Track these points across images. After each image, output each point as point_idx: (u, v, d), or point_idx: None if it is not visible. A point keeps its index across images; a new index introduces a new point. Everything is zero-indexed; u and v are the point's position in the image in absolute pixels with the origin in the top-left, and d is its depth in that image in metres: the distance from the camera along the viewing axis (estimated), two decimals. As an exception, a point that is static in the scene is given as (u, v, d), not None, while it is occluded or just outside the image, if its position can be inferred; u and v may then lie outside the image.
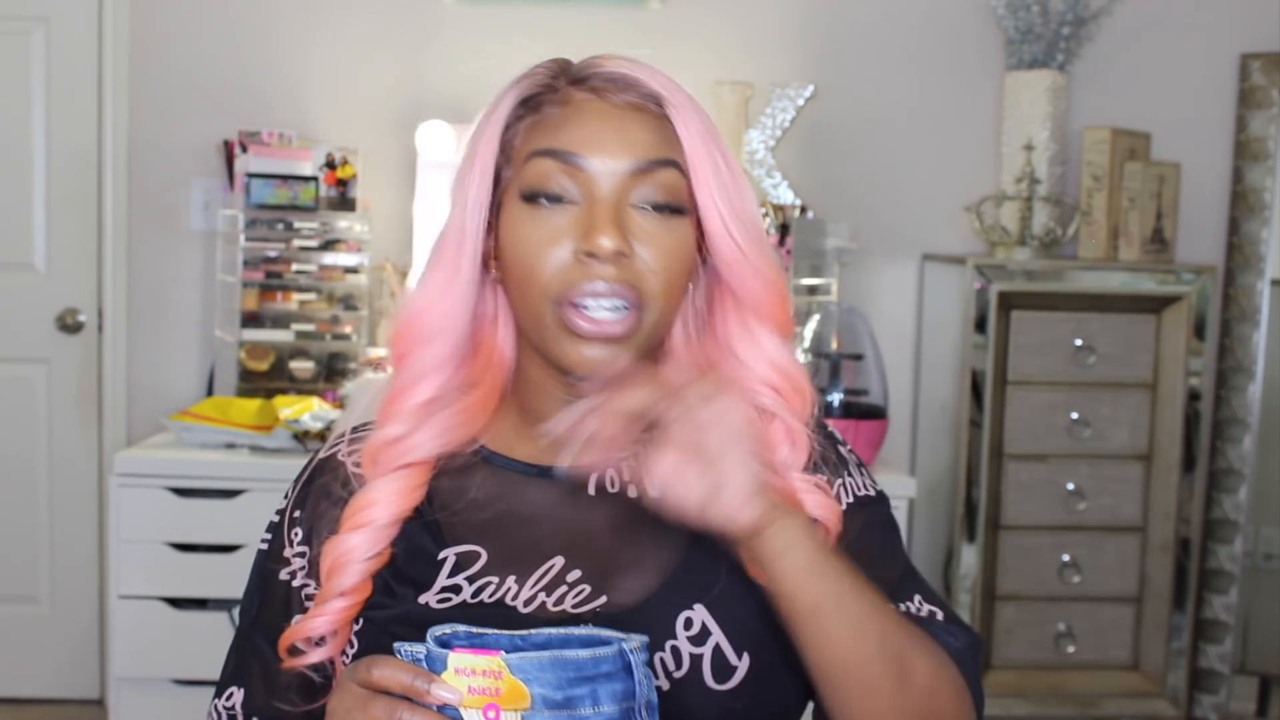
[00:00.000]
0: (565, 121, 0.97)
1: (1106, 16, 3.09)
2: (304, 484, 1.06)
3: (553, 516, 1.01)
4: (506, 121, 1.00)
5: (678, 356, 1.05)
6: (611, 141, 0.96)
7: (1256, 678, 3.26)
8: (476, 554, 0.99)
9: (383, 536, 0.99)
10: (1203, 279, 2.92)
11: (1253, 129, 3.13)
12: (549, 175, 0.96)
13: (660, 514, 0.88)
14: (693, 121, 0.98)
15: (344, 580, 0.98)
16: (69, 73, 3.10)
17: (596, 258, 0.94)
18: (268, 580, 1.06)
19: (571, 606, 0.97)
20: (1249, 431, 3.11)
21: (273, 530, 1.07)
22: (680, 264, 0.98)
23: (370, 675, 0.84)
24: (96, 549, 3.16)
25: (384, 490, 1.00)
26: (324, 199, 2.94)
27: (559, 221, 0.96)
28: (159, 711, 2.60)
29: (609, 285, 0.94)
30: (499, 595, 0.97)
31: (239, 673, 1.06)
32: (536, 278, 0.96)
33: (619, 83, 0.99)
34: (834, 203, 3.11)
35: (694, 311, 1.05)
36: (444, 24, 3.10)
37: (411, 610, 0.97)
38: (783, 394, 1.02)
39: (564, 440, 0.86)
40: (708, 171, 0.98)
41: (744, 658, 0.96)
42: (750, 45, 3.14)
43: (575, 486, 1.02)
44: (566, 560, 0.99)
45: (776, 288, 1.01)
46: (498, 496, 1.02)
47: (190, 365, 3.15)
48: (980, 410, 2.89)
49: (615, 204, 0.95)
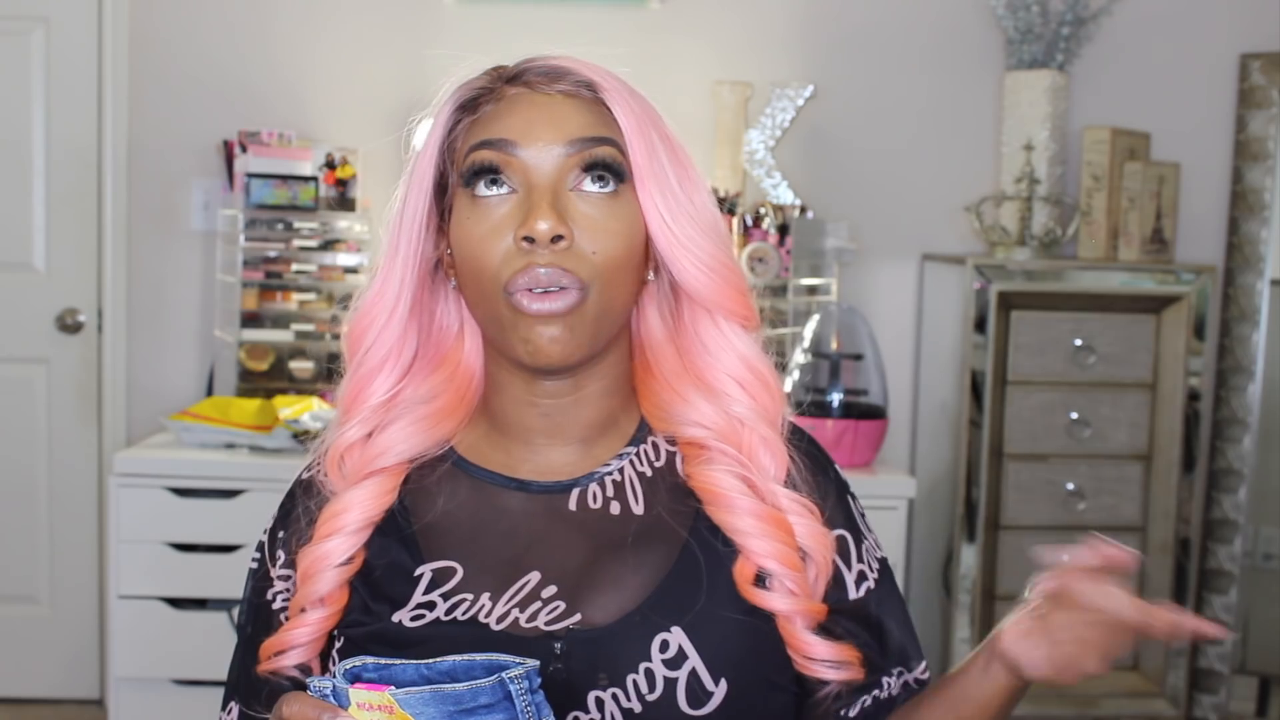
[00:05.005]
0: (499, 115, 0.98)
1: (1106, 16, 3.09)
2: (287, 506, 1.07)
3: (529, 530, 1.00)
4: (447, 126, 1.00)
5: (659, 351, 1.04)
6: (543, 126, 0.97)
7: (1256, 678, 3.26)
8: (453, 570, 0.99)
9: (355, 541, 0.99)
10: (1202, 279, 2.92)
11: (1252, 129, 3.13)
12: (485, 164, 0.97)
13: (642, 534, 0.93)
14: (629, 104, 0.98)
15: (319, 587, 0.98)
16: (69, 73, 3.10)
17: (536, 243, 0.94)
18: (258, 599, 1.06)
19: (545, 623, 0.95)
20: (1249, 431, 3.10)
21: (261, 549, 1.07)
22: (623, 243, 0.96)
23: (282, 712, 0.85)
24: (96, 549, 3.16)
25: (355, 497, 1.00)
26: (324, 199, 2.94)
27: (501, 212, 0.96)
28: (159, 711, 2.60)
29: (549, 270, 0.93)
30: (472, 613, 0.96)
31: (238, 688, 1.07)
32: (485, 270, 0.96)
33: (551, 74, 0.99)
34: (834, 203, 3.11)
35: (667, 304, 1.04)
36: (444, 24, 3.10)
37: (386, 628, 0.97)
38: (749, 390, 1.01)
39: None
40: (643, 153, 0.97)
41: (721, 684, 0.94)
42: (750, 45, 3.13)
43: (555, 501, 1.01)
44: (543, 576, 0.98)
45: (725, 277, 1.00)
46: (473, 508, 1.01)
47: (190, 365, 3.14)
48: (980, 410, 2.89)
49: (552, 188, 0.95)
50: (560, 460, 1.02)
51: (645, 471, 1.02)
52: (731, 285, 1.00)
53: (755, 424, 1.01)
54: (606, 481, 1.01)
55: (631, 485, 1.02)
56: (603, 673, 0.93)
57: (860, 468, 2.73)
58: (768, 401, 1.02)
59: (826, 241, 2.97)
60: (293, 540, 1.03)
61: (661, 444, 1.04)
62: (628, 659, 0.93)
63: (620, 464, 1.02)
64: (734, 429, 1.00)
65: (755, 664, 0.96)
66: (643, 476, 1.02)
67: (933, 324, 3.15)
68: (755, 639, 0.97)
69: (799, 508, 1.00)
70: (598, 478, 1.01)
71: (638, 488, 1.01)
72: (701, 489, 0.99)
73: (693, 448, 1.01)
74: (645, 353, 1.05)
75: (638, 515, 1.00)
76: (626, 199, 0.98)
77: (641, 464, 1.03)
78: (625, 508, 1.00)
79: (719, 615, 0.96)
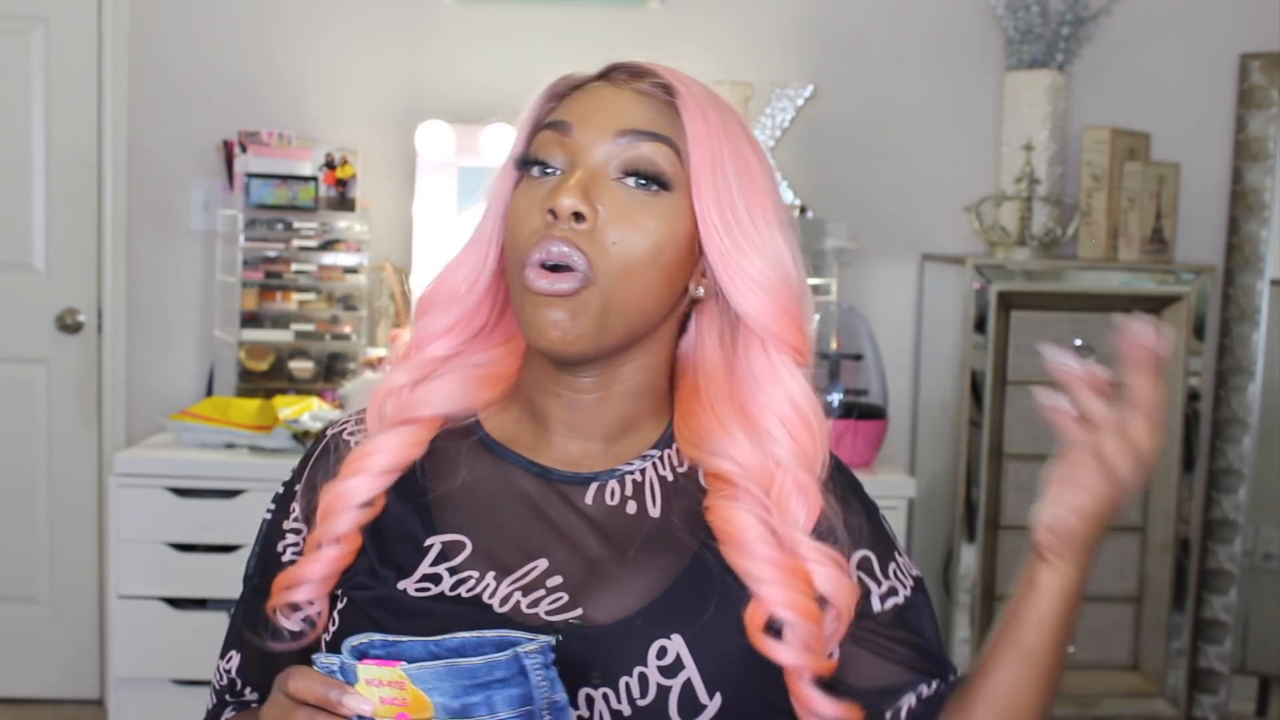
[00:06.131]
0: (572, 101, 1.00)
1: (1106, 16, 3.09)
2: (310, 460, 1.07)
3: (543, 516, 1.00)
4: (541, 112, 1.02)
5: (711, 376, 1.02)
6: (604, 115, 0.97)
7: (1256, 678, 3.25)
8: (462, 544, 0.99)
9: (378, 484, 1.00)
10: (1202, 279, 2.92)
11: (1252, 129, 3.13)
12: (543, 145, 0.98)
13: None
14: (703, 113, 0.97)
15: (337, 526, 0.98)
16: (69, 73, 3.10)
17: (557, 217, 0.94)
18: (268, 550, 1.07)
19: (545, 612, 0.95)
20: (1248, 431, 3.11)
21: (277, 501, 1.08)
22: (649, 242, 0.95)
23: (287, 686, 0.85)
24: (96, 549, 3.16)
25: (386, 441, 1.01)
26: (323, 199, 2.94)
27: (543, 190, 0.97)
28: (158, 711, 2.60)
29: (559, 246, 0.93)
30: (477, 591, 0.96)
31: (240, 638, 1.08)
32: (514, 243, 0.97)
33: (634, 72, 1.00)
34: (834, 203, 3.11)
35: (726, 328, 1.02)
36: (444, 24, 3.10)
37: (390, 595, 0.97)
38: (791, 430, 0.98)
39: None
40: (706, 162, 0.96)
41: (715, 698, 0.92)
42: (750, 45, 3.14)
43: (572, 491, 1.01)
44: (550, 564, 0.97)
45: (778, 301, 0.97)
46: (491, 486, 1.01)
47: (190, 365, 3.15)
48: (980, 410, 2.89)
49: (593, 172, 0.96)
50: (582, 453, 1.02)
51: (667, 475, 1.02)
52: (785, 311, 0.97)
53: (793, 468, 0.98)
54: (627, 480, 1.01)
55: (651, 487, 1.01)
56: (596, 671, 0.93)
57: (860, 468, 2.73)
58: (809, 445, 0.99)
59: (826, 241, 2.97)
60: (308, 495, 1.04)
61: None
62: (623, 661, 0.93)
63: (643, 465, 1.02)
64: (768, 470, 0.98)
65: (754, 685, 0.95)
66: (663, 480, 1.02)
67: (933, 324, 3.15)
68: (758, 661, 0.95)
69: (822, 557, 0.96)
70: (618, 475, 1.01)
71: (657, 490, 1.01)
72: (719, 527, 0.97)
73: (718, 481, 0.99)
74: (696, 375, 1.03)
75: (653, 518, 1.00)
76: (670, 203, 0.96)
77: (664, 468, 1.02)
78: (642, 508, 1.00)
79: (724, 633, 0.94)
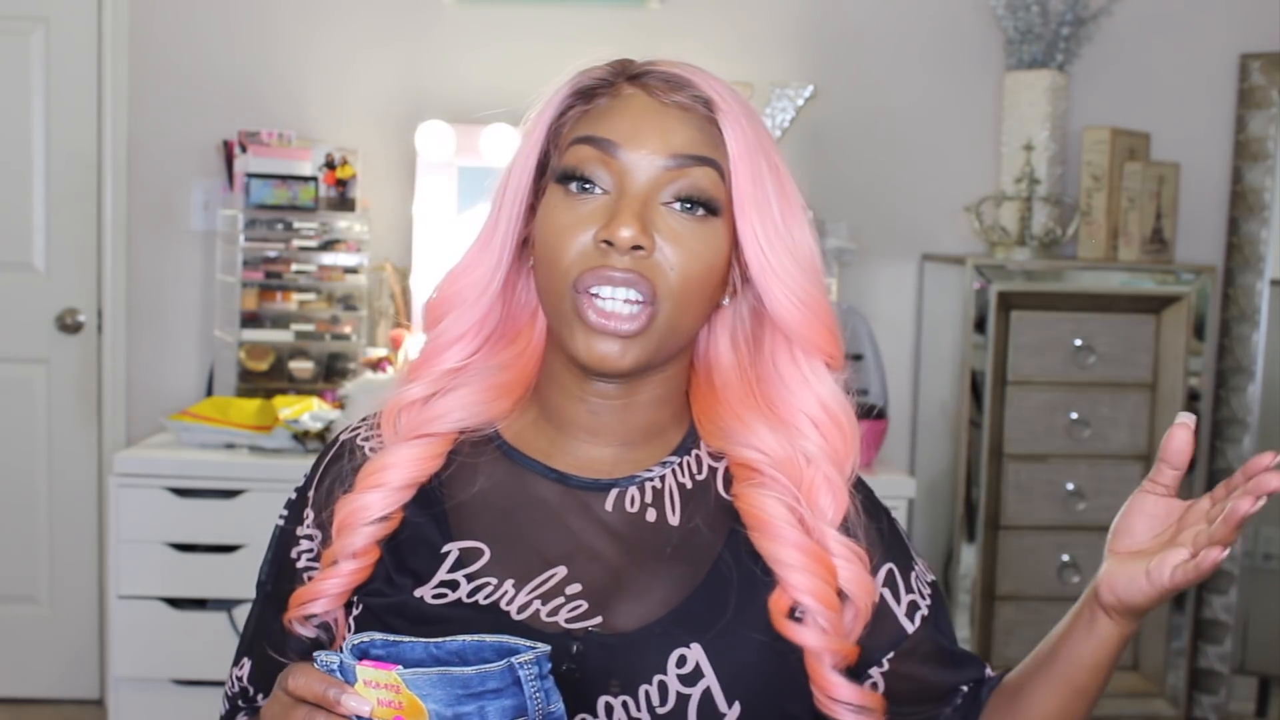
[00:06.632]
0: (610, 112, 0.98)
1: (1106, 16, 3.09)
2: (323, 465, 1.07)
3: (562, 523, 1.00)
4: (560, 109, 1.00)
5: (725, 375, 1.03)
6: (650, 135, 0.96)
7: (1256, 678, 3.26)
8: (480, 551, 0.99)
9: (394, 500, 0.99)
10: (1202, 279, 2.92)
11: (1252, 129, 3.13)
12: (585, 161, 0.97)
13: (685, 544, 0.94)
14: (742, 128, 0.97)
15: (353, 541, 0.98)
16: (68, 73, 3.10)
17: (615, 248, 0.93)
18: (281, 556, 1.06)
19: (565, 620, 0.95)
20: (1249, 431, 3.11)
21: (290, 507, 1.08)
22: (703, 267, 0.96)
23: (287, 684, 0.85)
24: (96, 549, 3.16)
25: (402, 455, 1.00)
26: (323, 199, 2.94)
27: (588, 208, 0.96)
28: (159, 711, 2.60)
29: (623, 274, 0.93)
30: (494, 598, 0.96)
31: (252, 645, 1.07)
32: (559, 261, 0.95)
33: (672, 82, 0.99)
34: (834, 203, 3.11)
35: (742, 331, 1.04)
36: (444, 24, 3.10)
37: (406, 602, 0.97)
38: (822, 430, 1.01)
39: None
40: (748, 179, 0.97)
41: (734, 706, 0.93)
42: (750, 45, 3.13)
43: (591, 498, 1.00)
44: (569, 572, 0.98)
45: (815, 312, 0.99)
46: (509, 493, 1.01)
47: (190, 365, 3.14)
48: (980, 410, 2.89)
49: (644, 198, 0.95)
50: (601, 458, 1.02)
51: (686, 483, 1.02)
52: (821, 321, 1.00)
53: (822, 463, 1.00)
54: (646, 487, 1.01)
55: (670, 495, 1.01)
56: (616, 679, 0.93)
57: (860, 468, 2.72)
58: (839, 445, 1.02)
59: (826, 241, 2.97)
60: (322, 500, 1.03)
61: (705, 458, 1.04)
62: (643, 669, 0.93)
63: (662, 471, 1.02)
64: (796, 464, 1.00)
65: (773, 691, 0.95)
66: (682, 488, 1.02)
67: (933, 324, 3.15)
68: (777, 666, 0.96)
69: (847, 552, 0.99)
70: (638, 481, 1.01)
71: (676, 498, 1.01)
72: (747, 513, 0.99)
73: (744, 469, 1.01)
74: (711, 374, 1.05)
75: (673, 526, 1.00)
76: (715, 226, 0.97)
77: (683, 475, 1.03)
78: (661, 516, 1.00)
79: (742, 637, 0.95)
